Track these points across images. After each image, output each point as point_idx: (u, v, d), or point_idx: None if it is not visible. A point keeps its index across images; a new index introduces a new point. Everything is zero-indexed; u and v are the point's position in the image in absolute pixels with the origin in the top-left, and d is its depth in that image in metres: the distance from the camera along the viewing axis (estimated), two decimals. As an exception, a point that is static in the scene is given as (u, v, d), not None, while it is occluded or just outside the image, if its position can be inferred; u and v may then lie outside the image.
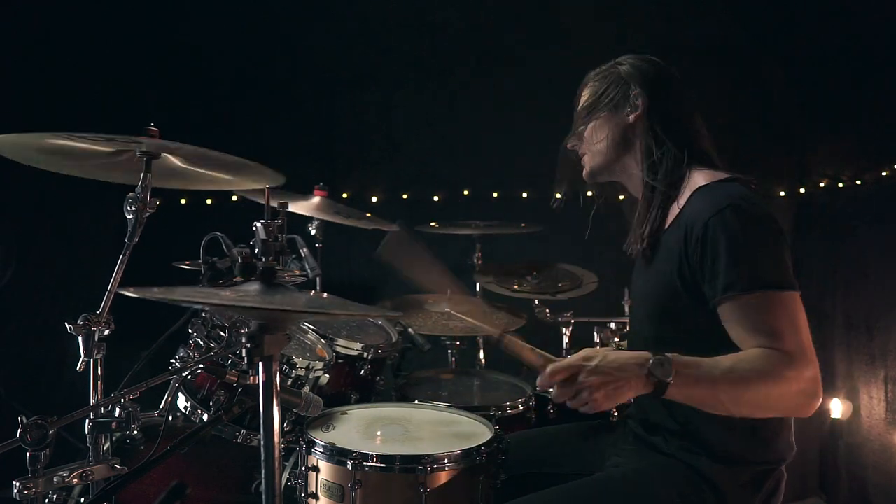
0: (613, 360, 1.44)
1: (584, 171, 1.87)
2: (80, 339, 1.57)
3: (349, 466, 1.65)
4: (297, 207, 2.81)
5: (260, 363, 1.25)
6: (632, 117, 1.75)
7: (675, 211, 1.68)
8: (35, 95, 3.21)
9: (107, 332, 1.60)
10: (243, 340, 1.24)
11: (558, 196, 1.94)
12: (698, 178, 1.66)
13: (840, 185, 3.41)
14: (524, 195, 3.79)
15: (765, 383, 1.42)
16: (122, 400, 1.58)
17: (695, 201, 1.62)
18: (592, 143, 1.82)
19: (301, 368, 2.01)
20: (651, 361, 1.42)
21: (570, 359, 1.47)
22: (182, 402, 1.97)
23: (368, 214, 3.56)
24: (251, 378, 1.66)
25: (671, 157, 1.70)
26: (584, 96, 1.85)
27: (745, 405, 1.46)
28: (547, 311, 2.87)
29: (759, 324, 1.46)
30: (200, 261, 1.76)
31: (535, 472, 1.84)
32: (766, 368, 1.42)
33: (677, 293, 1.60)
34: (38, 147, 1.69)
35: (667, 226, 1.70)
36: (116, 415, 1.58)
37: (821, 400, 1.46)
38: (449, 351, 2.99)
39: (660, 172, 1.70)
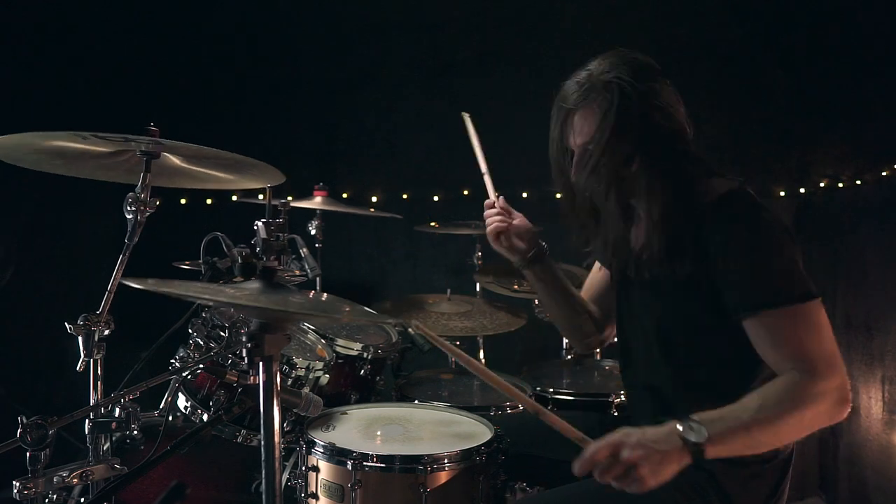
0: (652, 434, 1.39)
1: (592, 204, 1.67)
2: (80, 339, 1.57)
3: (349, 466, 1.65)
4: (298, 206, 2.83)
5: (260, 363, 1.25)
6: (637, 135, 1.55)
7: (692, 216, 1.57)
8: (34, 95, 3.21)
9: (107, 332, 1.59)
10: (243, 340, 1.24)
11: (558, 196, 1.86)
12: (711, 188, 1.57)
13: (840, 185, 3.41)
14: (524, 195, 3.79)
15: (797, 411, 1.41)
16: (122, 400, 1.58)
17: (715, 210, 1.54)
18: (601, 171, 1.59)
19: (301, 368, 2.01)
20: (681, 428, 1.37)
21: (610, 437, 1.39)
22: (182, 402, 1.97)
23: (372, 210, 3.60)
24: (251, 378, 1.66)
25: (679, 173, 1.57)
26: (592, 121, 1.58)
27: (786, 436, 1.46)
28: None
29: (786, 339, 1.45)
30: (200, 261, 1.76)
31: (532, 454, 1.83)
32: (795, 396, 1.41)
33: (694, 309, 1.57)
34: (36, 149, 1.69)
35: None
36: (116, 415, 1.58)
37: (851, 402, 1.46)
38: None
39: (675, 194, 1.56)
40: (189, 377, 1.95)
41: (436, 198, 3.95)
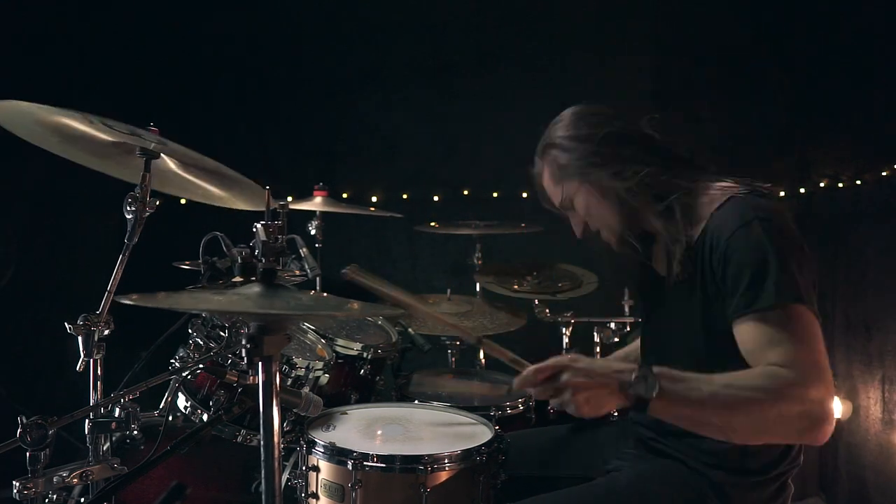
0: (599, 367, 1.38)
1: (613, 244, 1.74)
2: (80, 339, 1.57)
3: (349, 466, 1.65)
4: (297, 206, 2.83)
5: (260, 363, 1.25)
6: (609, 176, 1.63)
7: (699, 225, 1.59)
8: (36, 93, 3.21)
9: (107, 332, 1.60)
10: (243, 341, 1.23)
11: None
12: (718, 191, 1.58)
13: (840, 185, 3.41)
14: (524, 195, 3.79)
15: (762, 403, 1.30)
16: (122, 400, 1.58)
17: (720, 214, 1.54)
18: (594, 217, 1.72)
19: (301, 368, 2.01)
20: (635, 375, 1.32)
21: (555, 359, 1.38)
22: (182, 402, 1.97)
23: (372, 210, 3.60)
24: (251, 378, 1.66)
25: (673, 186, 1.60)
26: (546, 178, 1.81)
27: (739, 428, 1.34)
28: (547, 311, 2.87)
29: (774, 337, 1.36)
30: (200, 261, 1.76)
31: (534, 474, 1.84)
32: (767, 385, 1.31)
33: (705, 308, 1.55)
34: (38, 119, 1.65)
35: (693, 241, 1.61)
36: (116, 415, 1.58)
37: (831, 427, 1.33)
38: (449, 351, 2.99)
39: (676, 211, 1.59)
40: (189, 377, 1.95)
41: (436, 198, 3.96)
